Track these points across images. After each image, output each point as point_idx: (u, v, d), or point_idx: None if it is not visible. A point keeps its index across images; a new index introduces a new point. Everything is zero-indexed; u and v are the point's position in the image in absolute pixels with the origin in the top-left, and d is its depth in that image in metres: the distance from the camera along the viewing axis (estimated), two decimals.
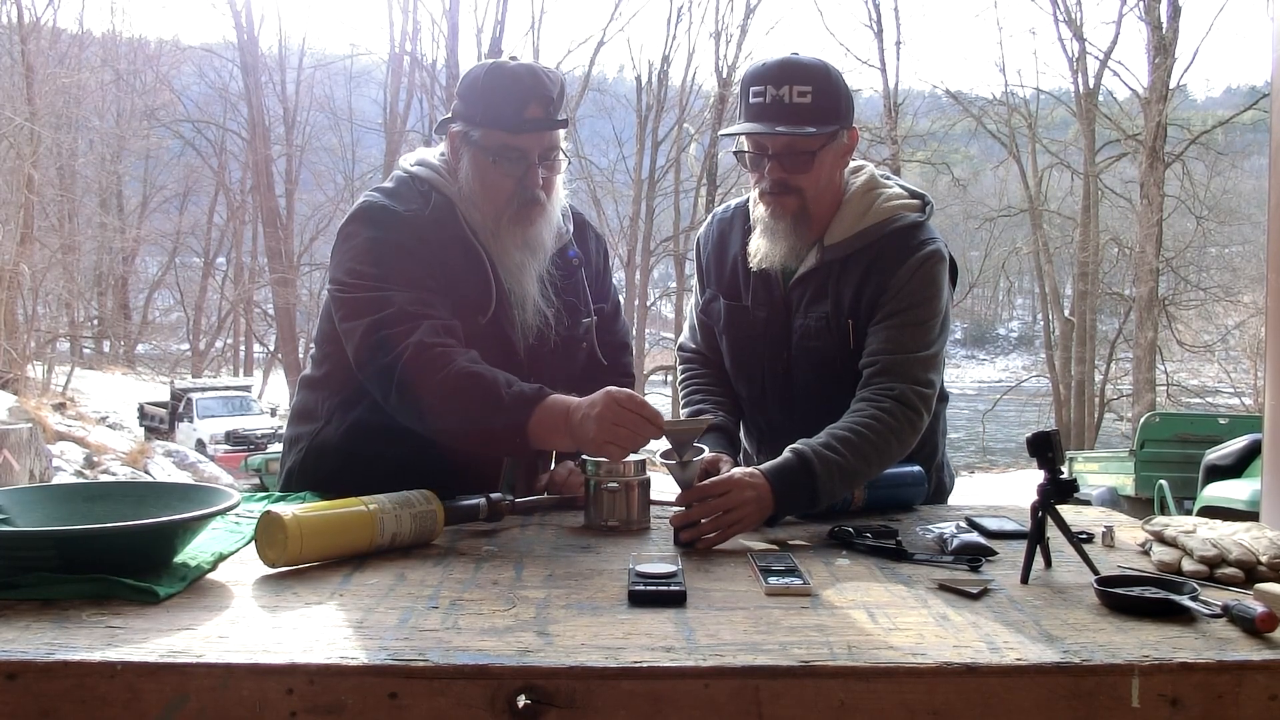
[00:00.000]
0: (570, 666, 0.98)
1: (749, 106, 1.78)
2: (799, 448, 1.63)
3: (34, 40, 21.86)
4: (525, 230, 1.78)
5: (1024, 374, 29.13)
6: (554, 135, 1.77)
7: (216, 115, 29.77)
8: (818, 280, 1.87)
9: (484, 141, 1.75)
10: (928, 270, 1.80)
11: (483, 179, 1.76)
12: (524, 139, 1.73)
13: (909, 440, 1.73)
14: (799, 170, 1.78)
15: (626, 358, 2.06)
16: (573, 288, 1.91)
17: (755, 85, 1.77)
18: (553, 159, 1.79)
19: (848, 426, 1.68)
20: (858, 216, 1.85)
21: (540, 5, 46.85)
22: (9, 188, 17.49)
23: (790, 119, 1.74)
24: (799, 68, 1.76)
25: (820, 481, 1.61)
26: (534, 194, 1.76)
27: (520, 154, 1.74)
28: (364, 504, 1.41)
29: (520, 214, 1.77)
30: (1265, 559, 1.31)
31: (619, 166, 26.43)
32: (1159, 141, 19.65)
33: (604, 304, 2.00)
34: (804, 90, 1.74)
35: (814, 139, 1.76)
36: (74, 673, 0.96)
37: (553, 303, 1.85)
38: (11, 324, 17.56)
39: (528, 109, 1.71)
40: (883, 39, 22.58)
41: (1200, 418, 11.14)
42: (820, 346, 1.87)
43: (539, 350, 1.83)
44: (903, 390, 1.73)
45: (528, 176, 1.75)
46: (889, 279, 1.80)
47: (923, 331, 1.79)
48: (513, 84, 1.72)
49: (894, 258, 1.81)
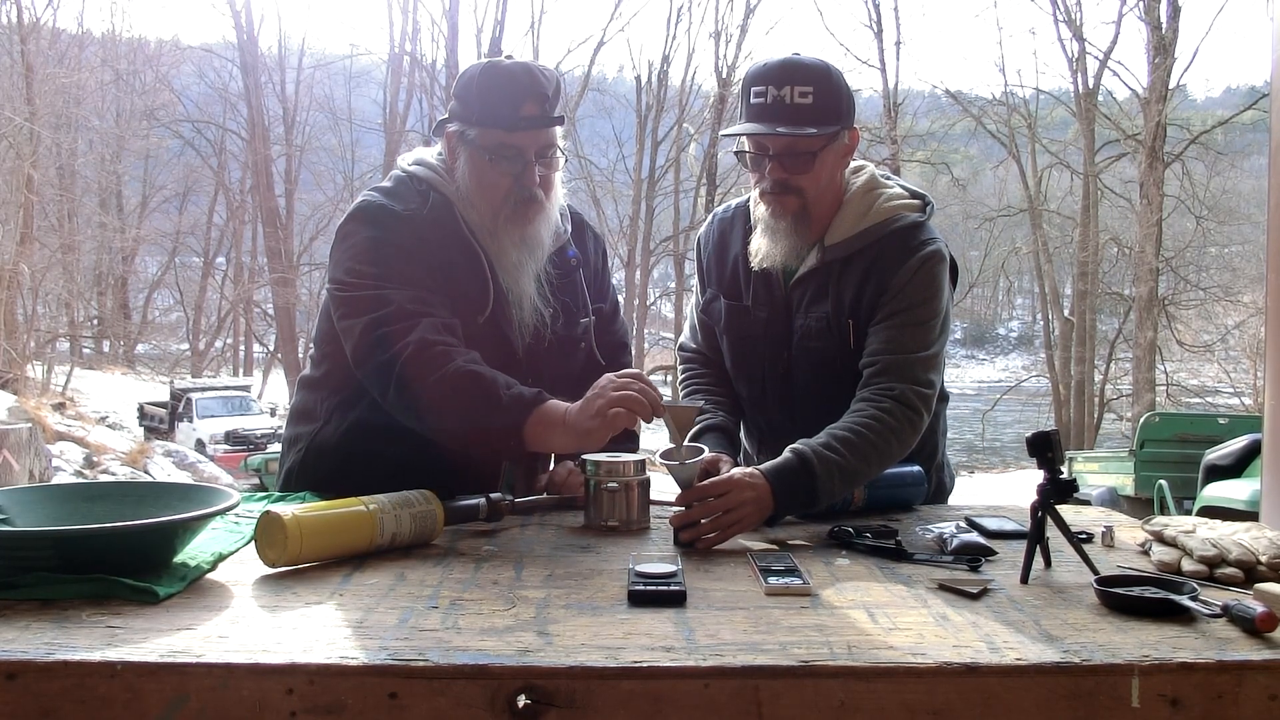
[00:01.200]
0: (570, 666, 0.98)
1: (750, 106, 1.78)
2: (799, 448, 1.63)
3: (34, 40, 21.86)
4: (523, 229, 1.78)
5: (1024, 374, 29.14)
6: (550, 133, 1.77)
7: (216, 115, 29.78)
8: (818, 280, 1.87)
9: (481, 140, 1.75)
10: (928, 270, 1.80)
11: (480, 178, 1.77)
12: (520, 137, 1.73)
13: (909, 441, 1.73)
14: (800, 170, 1.78)
15: (625, 357, 2.06)
16: (570, 287, 1.91)
17: (756, 85, 1.77)
18: (550, 157, 1.79)
19: (848, 427, 1.68)
20: (858, 216, 1.85)
21: (540, 5, 46.95)
22: (9, 188, 17.49)
23: (791, 119, 1.74)
24: (800, 68, 1.76)
25: (820, 481, 1.61)
26: (531, 192, 1.76)
27: (517, 152, 1.74)
28: (364, 504, 1.41)
29: (518, 212, 1.77)
30: (1265, 559, 1.31)
31: (619, 166, 26.46)
32: (1159, 141, 19.64)
33: (602, 304, 2.00)
34: (805, 91, 1.74)
35: (815, 139, 1.76)
36: (74, 673, 0.96)
37: (550, 302, 1.85)
38: (11, 324, 17.56)
39: (523, 107, 1.71)
40: (883, 39, 22.59)
41: (1200, 418, 11.14)
42: (820, 347, 1.87)
43: (536, 349, 1.84)
44: (903, 390, 1.73)
45: (525, 174, 1.75)
46: (889, 279, 1.80)
47: (923, 332, 1.79)
48: (508, 82, 1.72)
49: (894, 258, 1.81)
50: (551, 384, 1.70)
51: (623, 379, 1.53)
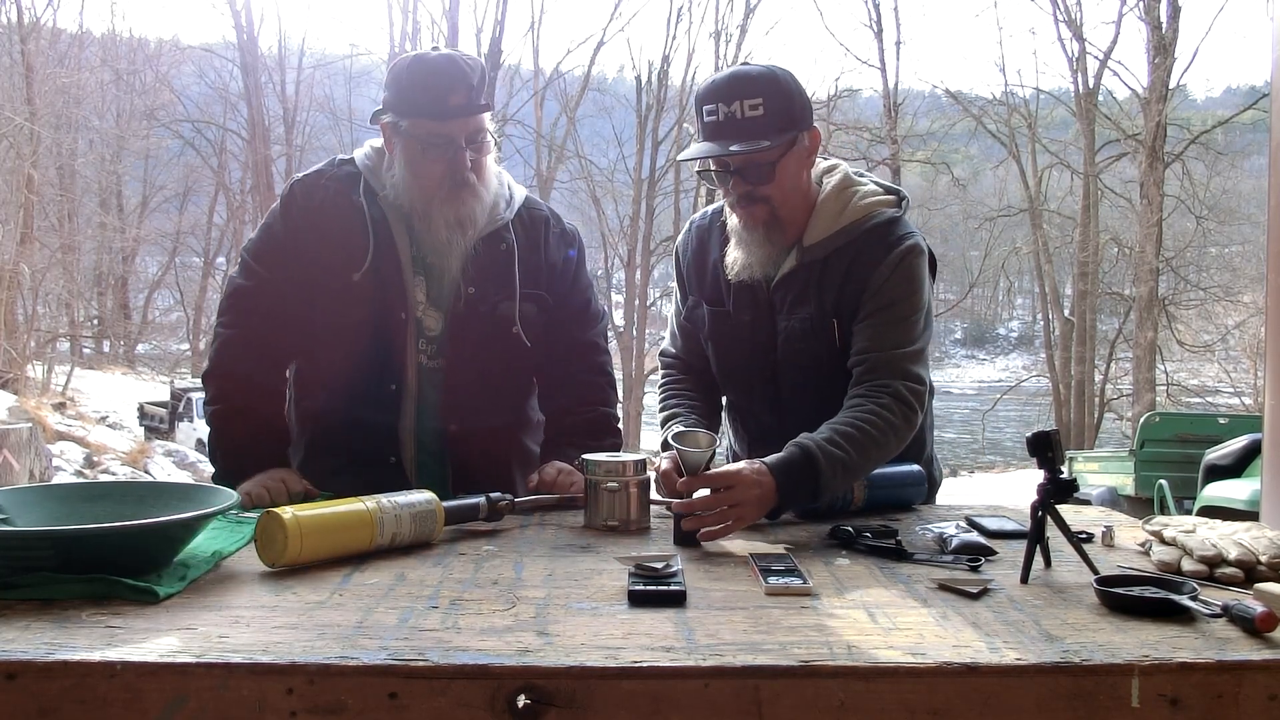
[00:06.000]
0: (570, 666, 0.98)
1: (704, 125, 1.79)
2: (803, 442, 1.64)
3: (34, 40, 21.83)
4: (457, 209, 1.88)
5: (1024, 374, 29.09)
6: (479, 119, 1.87)
7: (216, 115, 29.75)
8: (799, 282, 1.87)
9: (413, 131, 1.85)
10: (908, 265, 1.81)
11: (414, 166, 1.87)
12: (450, 125, 1.84)
13: (905, 437, 1.74)
14: (762, 181, 1.78)
15: (601, 358, 2.13)
16: (496, 270, 1.96)
17: (707, 104, 1.77)
18: (480, 141, 1.89)
19: (848, 421, 1.68)
20: (834, 216, 1.85)
21: (540, 5, 46.95)
22: (9, 188, 17.48)
23: (745, 134, 1.73)
24: (746, 81, 1.75)
25: (824, 476, 1.61)
26: (464, 177, 1.86)
27: (448, 140, 1.84)
28: (364, 504, 1.41)
29: (452, 195, 1.87)
30: (1265, 559, 1.31)
31: (619, 166, 26.39)
32: (1159, 141, 19.62)
33: (544, 294, 2.02)
34: (755, 103, 1.73)
35: (771, 151, 1.75)
36: (74, 673, 0.96)
37: (474, 280, 1.93)
38: (11, 324, 17.55)
39: (451, 97, 1.82)
40: (883, 39, 22.55)
41: (1200, 418, 11.12)
42: (805, 348, 1.87)
43: (463, 322, 1.94)
44: (896, 387, 1.74)
45: (457, 160, 1.85)
46: (870, 275, 1.81)
47: (908, 328, 1.80)
48: (435, 74, 1.83)
49: (873, 254, 1.82)
50: (472, 356, 1.90)
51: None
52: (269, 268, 1.94)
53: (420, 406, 1.95)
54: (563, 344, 2.06)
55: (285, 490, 1.78)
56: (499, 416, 2.00)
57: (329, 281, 1.89)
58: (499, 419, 2.00)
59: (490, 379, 1.96)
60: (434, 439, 1.95)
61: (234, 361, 1.92)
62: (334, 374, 1.93)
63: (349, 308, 1.88)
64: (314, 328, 1.93)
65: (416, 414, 1.94)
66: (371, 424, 1.92)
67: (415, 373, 1.93)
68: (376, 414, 1.92)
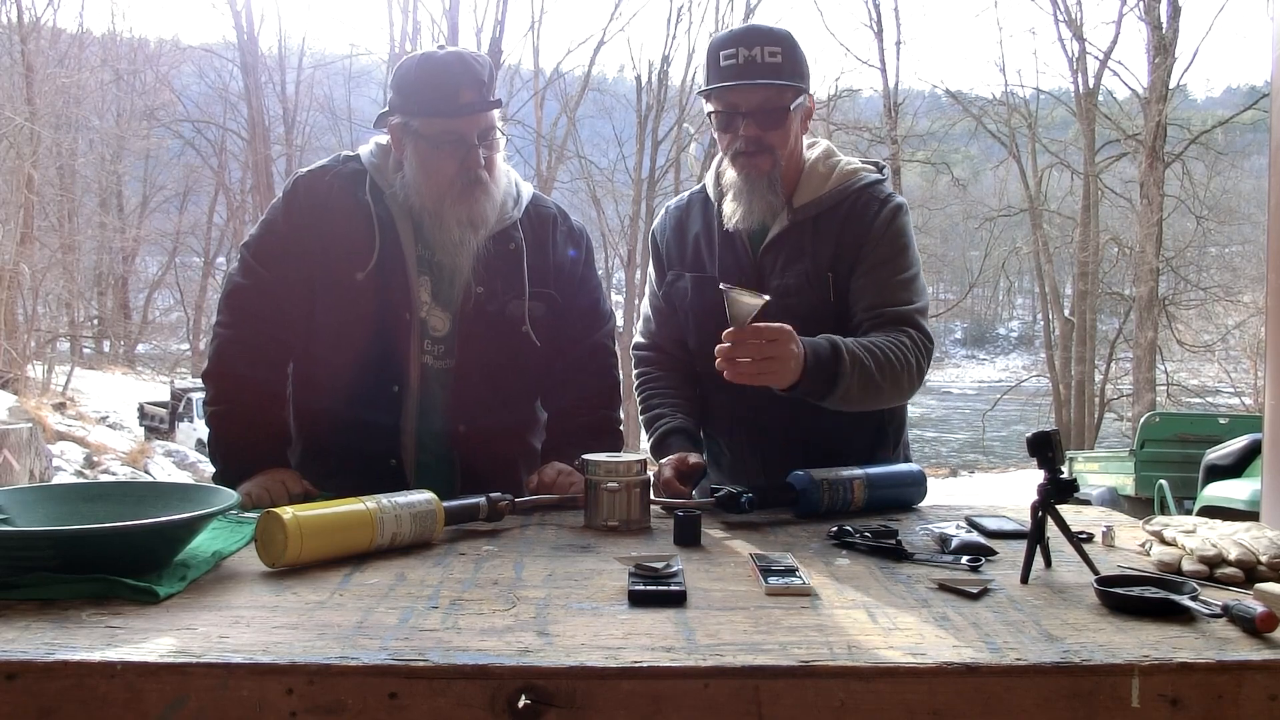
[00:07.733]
0: (570, 666, 0.98)
1: (721, 69, 1.86)
2: (832, 337, 1.72)
3: (34, 40, 21.84)
4: (469, 208, 1.87)
5: (1024, 374, 29.11)
6: (490, 116, 1.87)
7: (216, 115, 29.74)
8: (791, 240, 1.93)
9: (424, 130, 1.84)
10: (900, 222, 1.93)
11: (426, 165, 1.86)
12: (461, 122, 1.83)
13: (917, 382, 1.82)
14: (773, 126, 1.86)
15: (608, 360, 2.12)
16: (505, 269, 1.96)
17: (726, 49, 1.85)
18: (491, 139, 1.89)
19: (874, 341, 1.77)
20: (823, 178, 1.95)
21: (540, 5, 46.96)
22: (9, 188, 17.48)
23: (765, 75, 1.83)
24: (767, 31, 1.88)
25: (844, 373, 1.69)
26: (477, 174, 1.86)
27: (460, 137, 1.84)
28: (364, 504, 1.41)
29: (464, 193, 1.86)
30: (1265, 559, 1.31)
31: (619, 166, 26.38)
32: (1159, 141, 19.61)
33: (550, 293, 2.01)
34: (774, 50, 1.84)
35: (789, 91, 1.85)
36: (74, 673, 0.96)
37: (483, 279, 1.92)
38: (11, 324, 17.55)
39: (462, 94, 1.82)
40: (883, 39, 22.54)
41: (1200, 418, 11.12)
42: (799, 303, 1.89)
43: (472, 322, 1.92)
44: (914, 335, 1.83)
45: (469, 158, 1.84)
46: (867, 229, 1.90)
47: (909, 284, 1.90)
48: (444, 72, 1.82)
49: (866, 208, 1.92)
50: (481, 356, 1.88)
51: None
52: (269, 265, 1.92)
53: (423, 408, 1.93)
54: (569, 344, 2.05)
55: (285, 490, 1.77)
56: (507, 417, 1.99)
57: (332, 280, 1.88)
58: (507, 419, 1.99)
59: (499, 379, 1.95)
60: (437, 441, 1.93)
61: (234, 361, 1.90)
62: (335, 374, 1.91)
63: (351, 307, 1.87)
64: (315, 327, 1.91)
65: (419, 415, 1.93)
66: (372, 425, 1.90)
67: (419, 373, 1.92)
68: (378, 415, 1.90)
